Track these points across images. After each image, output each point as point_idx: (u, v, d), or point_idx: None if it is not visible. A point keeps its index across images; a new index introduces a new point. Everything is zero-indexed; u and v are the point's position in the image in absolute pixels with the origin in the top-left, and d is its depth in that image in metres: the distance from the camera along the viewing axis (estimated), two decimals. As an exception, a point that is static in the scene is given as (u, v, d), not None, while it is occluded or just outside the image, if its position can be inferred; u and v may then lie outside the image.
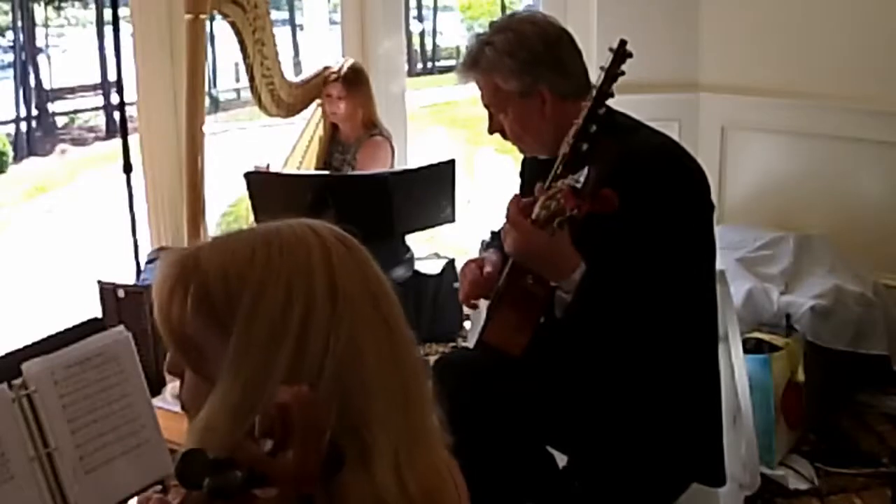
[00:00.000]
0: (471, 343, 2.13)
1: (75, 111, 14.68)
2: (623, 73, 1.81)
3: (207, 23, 2.84)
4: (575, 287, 1.74)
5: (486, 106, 2.02)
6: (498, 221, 2.32)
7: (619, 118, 1.94)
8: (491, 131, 2.04)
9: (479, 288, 2.04)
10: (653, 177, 1.78)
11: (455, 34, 17.10)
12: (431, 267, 3.95)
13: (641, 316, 1.77)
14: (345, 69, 3.50)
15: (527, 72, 1.92)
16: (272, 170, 3.51)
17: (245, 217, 3.37)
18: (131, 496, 1.68)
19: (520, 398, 1.91)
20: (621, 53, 1.80)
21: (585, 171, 1.60)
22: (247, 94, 3.27)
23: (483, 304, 2.05)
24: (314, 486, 0.83)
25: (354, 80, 3.49)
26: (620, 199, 1.60)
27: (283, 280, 0.93)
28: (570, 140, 1.81)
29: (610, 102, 1.95)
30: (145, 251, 3.58)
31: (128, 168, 3.29)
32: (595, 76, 1.85)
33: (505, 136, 2.03)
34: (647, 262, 1.74)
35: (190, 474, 0.81)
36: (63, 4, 15.36)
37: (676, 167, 1.85)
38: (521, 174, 2.25)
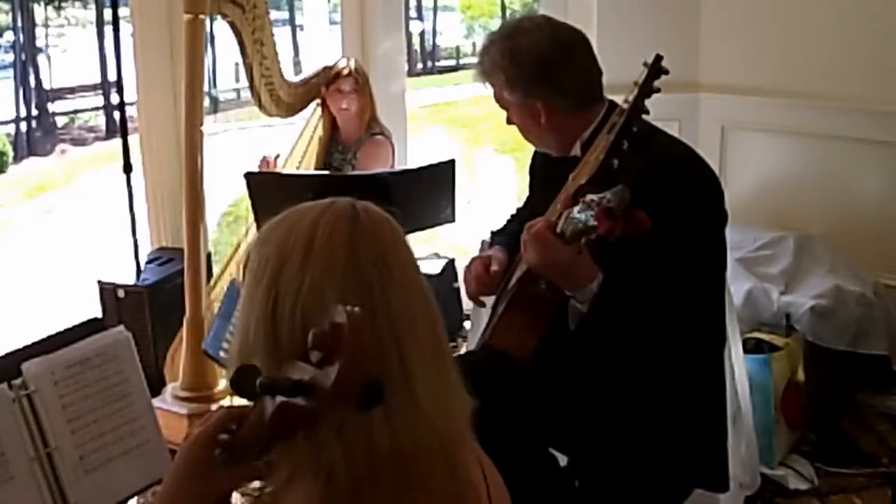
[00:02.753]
0: (472, 343, 2.14)
1: (75, 111, 14.68)
2: (658, 90, 1.76)
3: (207, 23, 2.84)
4: (591, 297, 1.72)
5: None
6: (500, 221, 2.33)
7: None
8: (508, 122, 2.06)
9: (486, 286, 2.04)
10: (678, 194, 1.77)
11: (455, 34, 17.10)
12: (431, 267, 3.95)
13: (654, 326, 1.76)
14: (354, 65, 3.50)
15: (518, 86, 1.91)
16: (280, 161, 3.51)
17: (245, 217, 3.37)
18: (131, 496, 1.68)
19: (524, 401, 1.91)
20: (657, 69, 1.76)
21: (618, 190, 1.54)
22: (247, 95, 3.26)
23: (488, 301, 2.05)
24: (349, 406, 0.87)
25: (365, 77, 3.52)
26: (646, 210, 1.56)
27: (273, 237, 1.08)
28: (601, 155, 1.76)
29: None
30: (145, 251, 3.58)
31: (128, 168, 3.28)
32: (628, 92, 1.78)
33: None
34: (667, 276, 1.73)
35: (243, 383, 0.92)
36: (63, 4, 15.37)
37: (700, 183, 1.84)
38: (532, 171, 2.24)
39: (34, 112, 14.26)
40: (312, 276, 1.03)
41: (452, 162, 3.30)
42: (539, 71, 1.89)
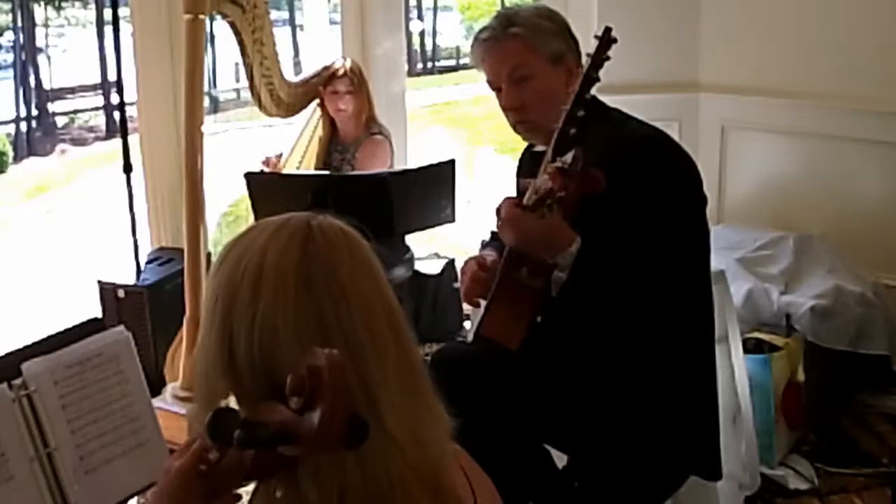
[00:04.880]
0: (470, 340, 2.14)
1: (75, 111, 14.69)
2: (609, 59, 1.81)
3: (207, 23, 2.83)
4: (571, 262, 1.74)
5: (509, 74, 1.96)
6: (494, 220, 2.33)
7: (612, 112, 1.96)
8: (508, 106, 1.99)
9: (480, 285, 2.04)
10: (640, 164, 1.80)
11: (455, 34, 17.11)
12: (431, 267, 3.95)
13: (633, 299, 1.77)
14: (350, 65, 3.51)
15: (561, 36, 1.96)
16: (282, 161, 3.52)
17: (245, 217, 3.38)
18: (131, 496, 1.68)
19: (517, 392, 1.91)
20: (606, 39, 1.82)
21: (572, 152, 1.62)
22: (247, 94, 3.26)
23: (484, 301, 2.05)
24: (335, 449, 0.86)
25: (361, 77, 3.52)
26: (609, 185, 1.62)
27: (224, 265, 1.04)
28: (559, 125, 1.81)
29: (609, 101, 1.96)
30: (145, 251, 3.58)
31: (128, 168, 3.29)
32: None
33: (519, 115, 1.98)
34: (636, 246, 1.74)
35: (221, 430, 0.87)
36: (63, 4, 15.38)
37: (664, 155, 1.86)
38: (518, 173, 2.25)
39: (34, 112, 14.27)
40: (264, 307, 0.99)
41: (452, 162, 3.30)
42: (566, 26, 1.99)
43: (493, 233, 2.32)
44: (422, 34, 16.61)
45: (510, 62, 1.96)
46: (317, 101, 3.56)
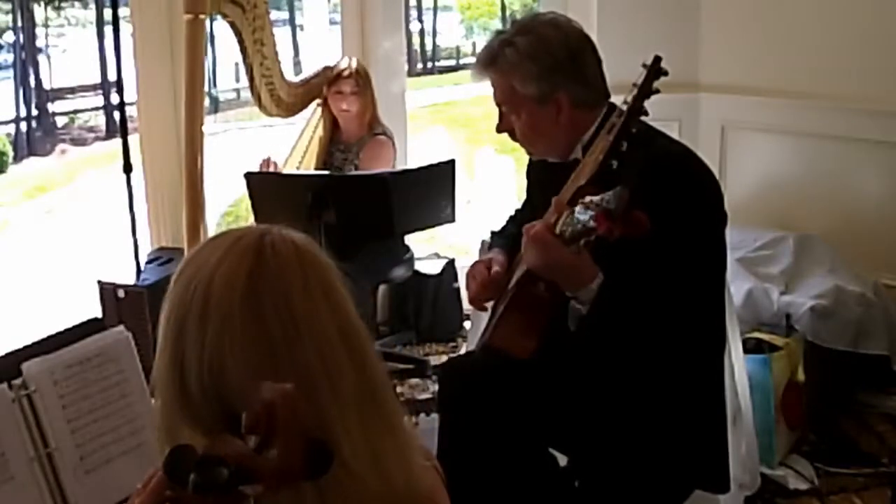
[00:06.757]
0: (472, 343, 2.14)
1: (75, 111, 14.68)
2: (657, 91, 1.75)
3: (207, 23, 2.84)
4: (592, 297, 1.72)
5: (497, 105, 1.98)
6: (500, 221, 2.33)
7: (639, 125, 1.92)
8: (499, 130, 2.01)
9: (489, 289, 2.03)
10: (674, 189, 1.77)
11: (455, 34, 17.11)
12: (431, 267, 3.95)
13: (655, 327, 1.75)
14: (355, 65, 3.51)
15: (546, 78, 1.88)
16: (275, 162, 3.51)
17: (245, 217, 3.38)
18: (131, 496, 1.68)
19: (525, 402, 1.91)
20: (655, 70, 1.75)
21: (617, 191, 1.54)
22: (247, 94, 3.27)
23: (488, 305, 2.05)
24: (298, 482, 0.84)
25: (366, 78, 3.51)
26: (644, 210, 1.55)
27: (177, 286, 1.00)
28: (600, 156, 1.75)
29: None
30: (145, 251, 3.58)
31: (128, 168, 3.29)
32: (627, 92, 1.78)
33: (513, 137, 2.00)
34: (666, 275, 1.72)
35: (177, 469, 0.83)
36: (63, 4, 15.36)
37: (696, 178, 1.84)
38: (528, 175, 2.24)
39: (34, 112, 14.26)
40: (212, 334, 0.95)
41: (452, 162, 3.30)
42: (568, 60, 1.89)
43: (493, 233, 2.32)
44: (422, 34, 16.59)
45: (496, 93, 1.96)
46: (317, 101, 3.56)
